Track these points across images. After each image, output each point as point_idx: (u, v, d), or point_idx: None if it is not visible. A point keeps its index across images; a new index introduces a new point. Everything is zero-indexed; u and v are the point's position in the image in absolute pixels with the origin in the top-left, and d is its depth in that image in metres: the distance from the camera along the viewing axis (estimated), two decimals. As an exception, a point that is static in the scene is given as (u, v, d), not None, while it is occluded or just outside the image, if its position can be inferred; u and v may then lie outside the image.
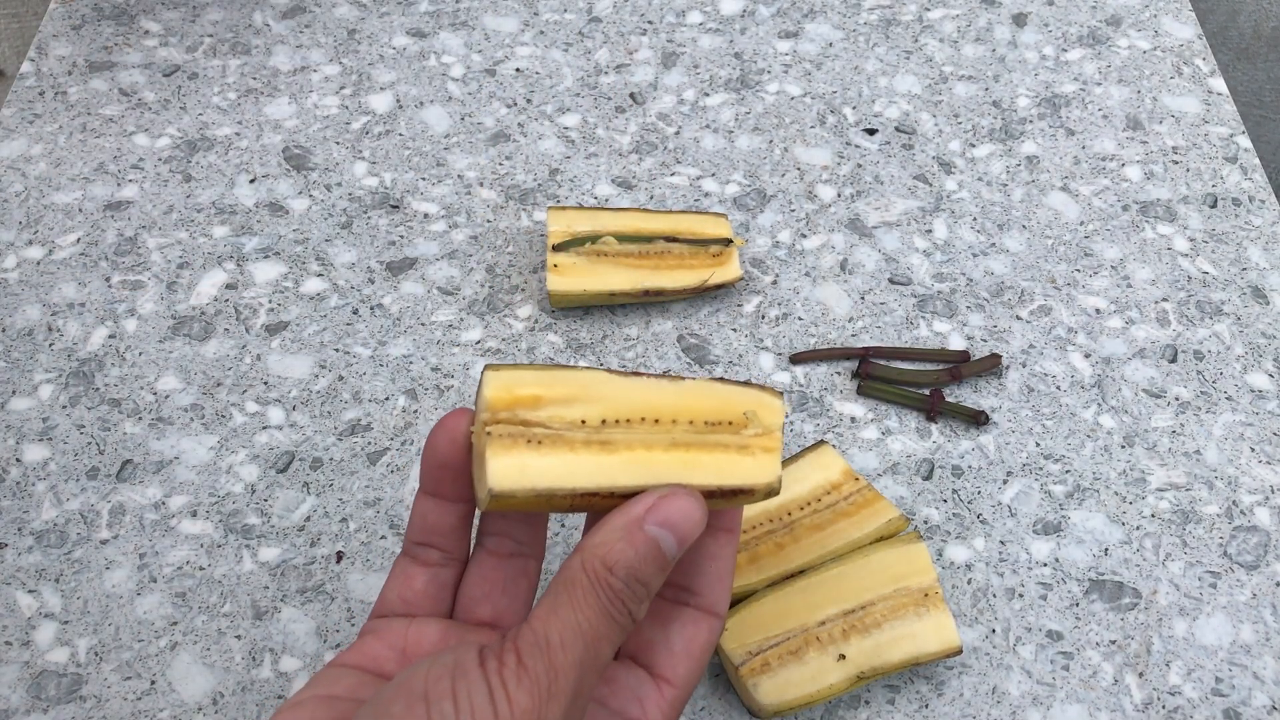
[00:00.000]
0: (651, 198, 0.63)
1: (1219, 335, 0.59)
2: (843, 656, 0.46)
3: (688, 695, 0.38)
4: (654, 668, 0.38)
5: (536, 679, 0.32)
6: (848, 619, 0.47)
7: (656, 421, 0.38)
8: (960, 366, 0.56)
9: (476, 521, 0.40)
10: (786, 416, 0.38)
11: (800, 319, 0.59)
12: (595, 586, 0.34)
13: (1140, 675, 0.49)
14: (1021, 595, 0.51)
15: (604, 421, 0.37)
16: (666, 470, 0.37)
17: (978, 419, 0.55)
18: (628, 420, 0.37)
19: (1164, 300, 0.60)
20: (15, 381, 0.56)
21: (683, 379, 0.38)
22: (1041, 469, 0.54)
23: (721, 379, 0.39)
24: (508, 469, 0.36)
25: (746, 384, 0.39)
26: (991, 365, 0.56)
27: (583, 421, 0.37)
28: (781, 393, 0.52)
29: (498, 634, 0.39)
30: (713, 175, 0.64)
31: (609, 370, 0.38)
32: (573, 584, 0.34)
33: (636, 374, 0.38)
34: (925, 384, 0.56)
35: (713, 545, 0.39)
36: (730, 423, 0.38)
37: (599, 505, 0.36)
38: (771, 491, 0.37)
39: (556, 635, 0.33)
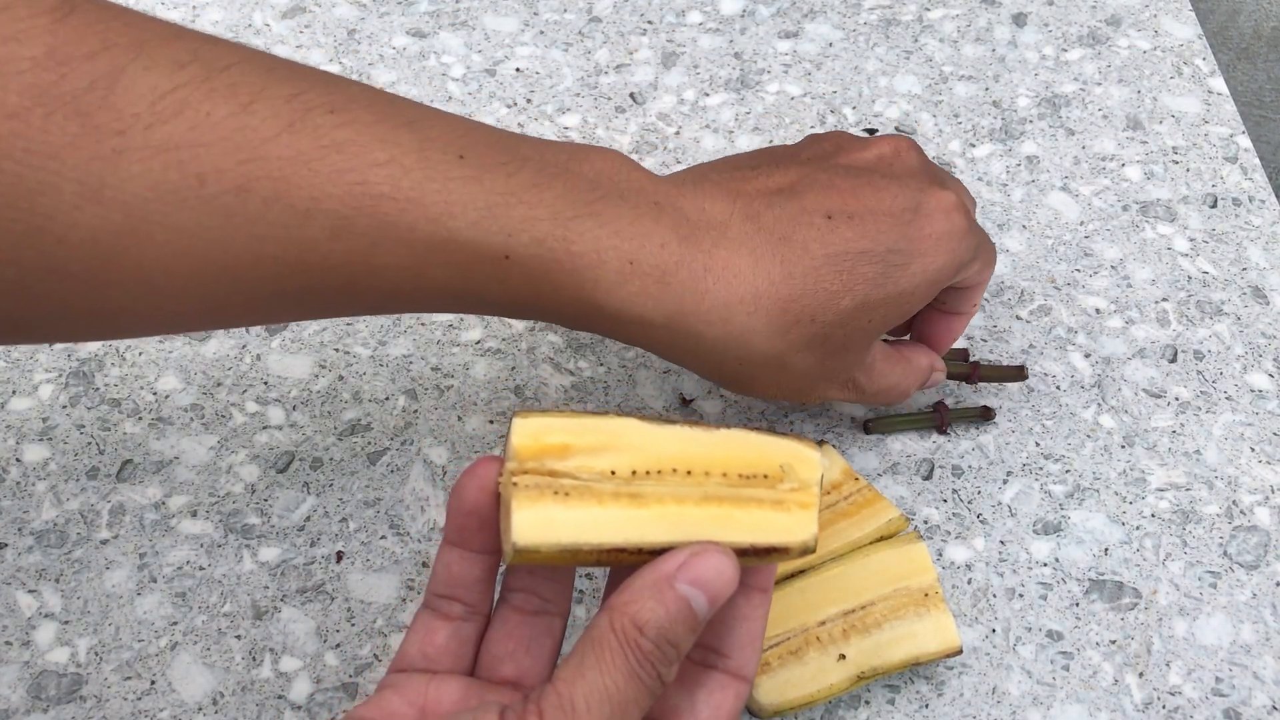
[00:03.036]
0: (651, 198, 0.63)
1: (1219, 335, 0.59)
2: (843, 656, 0.46)
3: None
4: None
5: None
6: (848, 619, 0.47)
7: (689, 473, 0.37)
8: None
9: (500, 574, 0.40)
10: (824, 472, 0.38)
11: (800, 319, 0.59)
12: (624, 647, 0.33)
13: (1140, 675, 0.49)
14: (1021, 595, 0.51)
15: (634, 473, 0.36)
16: (698, 526, 0.36)
17: (986, 414, 0.55)
18: (659, 471, 0.36)
19: (1164, 300, 0.60)
20: (15, 381, 0.56)
21: (718, 429, 0.37)
22: (1041, 469, 0.54)
23: (758, 428, 0.38)
24: (533, 522, 0.35)
25: (784, 435, 0.38)
26: (1015, 376, 0.56)
27: (613, 472, 0.36)
28: (820, 443, 0.52)
29: (520, 694, 0.38)
30: (713, 175, 0.64)
31: (641, 418, 0.37)
32: (600, 644, 0.33)
33: (670, 421, 0.37)
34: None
35: (745, 606, 0.38)
36: (766, 475, 0.37)
37: (627, 560, 0.36)
38: (807, 550, 0.36)
39: (582, 699, 0.32)
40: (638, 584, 0.34)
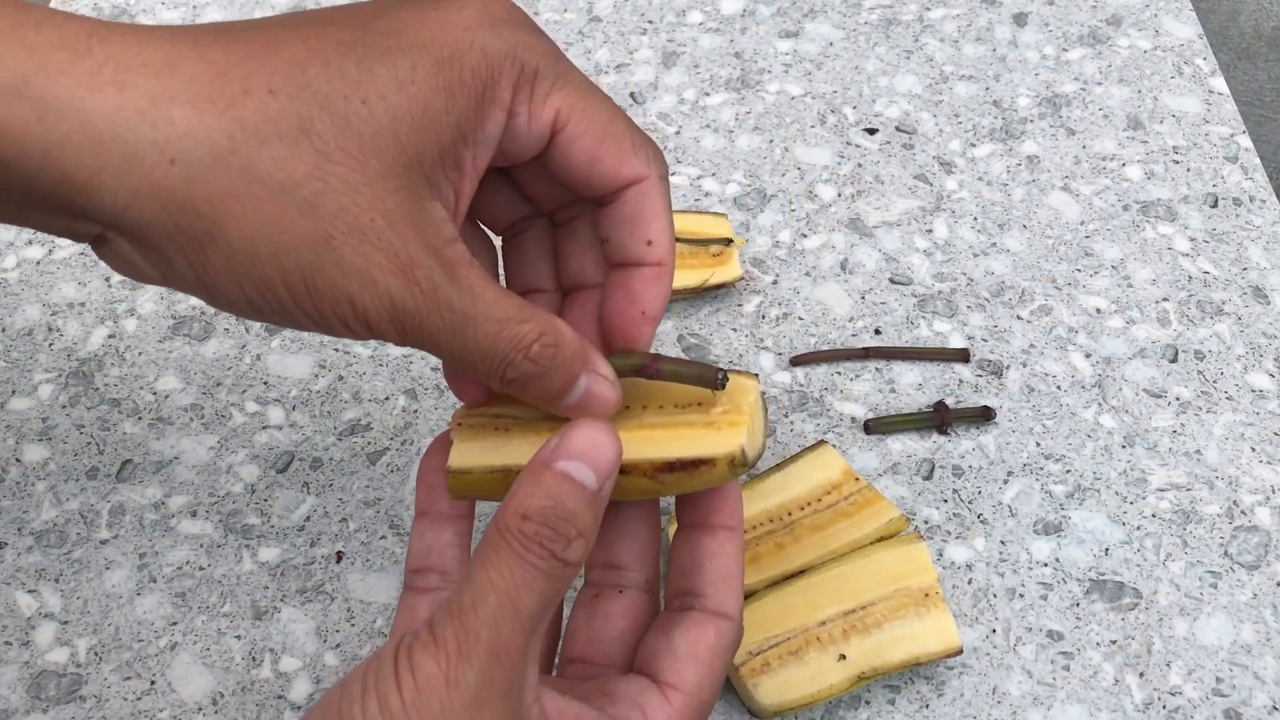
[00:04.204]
0: (652, 197, 0.63)
1: (1220, 335, 0.59)
2: (843, 656, 0.46)
3: (703, 703, 0.36)
4: (658, 674, 0.36)
5: (444, 644, 0.31)
6: (848, 619, 0.47)
7: (627, 408, 0.37)
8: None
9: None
10: (765, 396, 0.37)
11: (800, 319, 0.59)
12: (505, 537, 0.32)
13: (1141, 675, 0.49)
14: (1022, 595, 0.51)
15: None
16: (625, 446, 0.35)
17: (986, 414, 0.55)
18: None
19: (1165, 300, 0.60)
20: (15, 381, 0.56)
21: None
22: (1042, 469, 0.54)
23: (680, 364, 0.37)
24: (469, 450, 0.36)
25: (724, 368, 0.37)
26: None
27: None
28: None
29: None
30: (713, 175, 0.64)
31: None
32: (485, 544, 0.33)
33: (620, 373, 0.38)
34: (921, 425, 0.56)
35: (711, 544, 0.37)
36: (700, 404, 0.37)
37: None
38: (735, 461, 0.36)
39: (469, 597, 0.32)
40: (517, 480, 0.33)
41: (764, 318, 0.59)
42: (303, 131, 0.32)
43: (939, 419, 0.55)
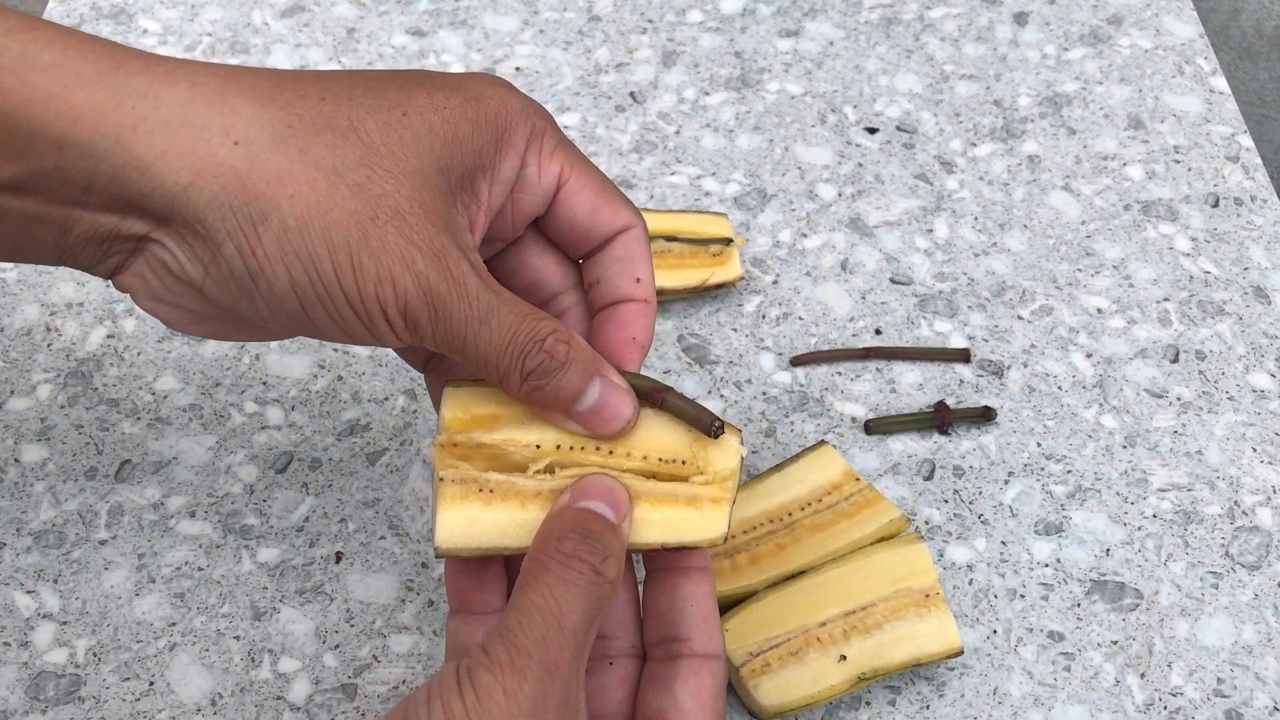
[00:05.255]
0: (652, 197, 0.63)
1: (1221, 335, 0.59)
2: (843, 657, 0.46)
3: None
4: None
5: (497, 660, 0.33)
6: (849, 620, 0.47)
7: (611, 452, 0.38)
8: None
9: None
10: (744, 458, 0.39)
11: (801, 319, 0.59)
12: (545, 563, 0.35)
13: (1142, 676, 0.49)
14: (1023, 596, 0.50)
15: (558, 446, 0.38)
16: None
17: (987, 415, 0.55)
18: (582, 448, 0.38)
19: (1166, 300, 0.60)
20: (13, 381, 0.56)
21: (645, 407, 0.39)
22: (1043, 469, 0.54)
23: (685, 402, 0.39)
24: (456, 524, 0.37)
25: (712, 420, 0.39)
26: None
27: (538, 445, 0.38)
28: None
29: None
30: (713, 174, 0.64)
31: None
32: (524, 575, 0.35)
33: None
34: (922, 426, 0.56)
35: (688, 587, 0.39)
36: (683, 461, 0.39)
37: None
38: (717, 544, 0.38)
39: (514, 620, 0.33)
40: (543, 523, 0.37)
41: (764, 318, 0.59)
42: (352, 128, 0.35)
43: (940, 419, 0.55)
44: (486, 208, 0.38)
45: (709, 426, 0.38)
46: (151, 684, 0.47)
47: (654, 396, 0.39)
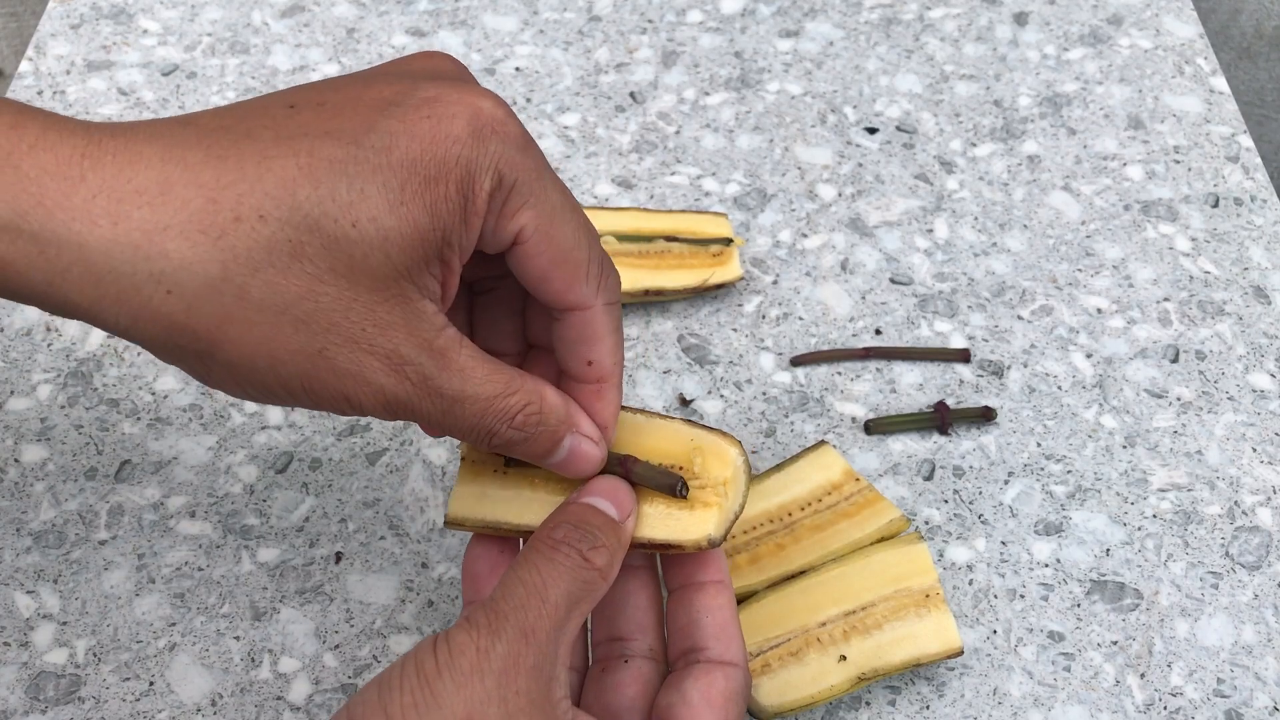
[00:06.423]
0: (651, 197, 0.63)
1: (1221, 335, 0.59)
2: (843, 657, 0.46)
3: None
4: None
5: (475, 623, 0.34)
6: (848, 620, 0.47)
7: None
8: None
9: None
10: (744, 468, 0.40)
11: (801, 319, 0.59)
12: (536, 548, 0.36)
13: (1142, 676, 0.49)
14: (1023, 596, 0.50)
15: None
16: None
17: (987, 415, 0.55)
18: None
19: (1165, 300, 0.60)
20: (13, 381, 0.56)
21: (655, 417, 0.41)
22: (1043, 469, 0.54)
23: (692, 421, 0.41)
24: (468, 496, 0.40)
25: (713, 430, 0.40)
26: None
27: None
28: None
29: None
30: (713, 174, 0.64)
31: None
32: (516, 560, 0.36)
33: (624, 408, 0.41)
34: (922, 427, 0.56)
35: (702, 599, 0.40)
36: (681, 468, 0.40)
37: None
38: (702, 546, 0.39)
39: (499, 591, 0.35)
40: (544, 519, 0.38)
41: (764, 318, 0.59)
42: (294, 256, 0.33)
43: (940, 419, 0.55)
44: (455, 266, 0.36)
45: (674, 490, 0.39)
46: (151, 684, 0.47)
47: (620, 471, 0.40)
